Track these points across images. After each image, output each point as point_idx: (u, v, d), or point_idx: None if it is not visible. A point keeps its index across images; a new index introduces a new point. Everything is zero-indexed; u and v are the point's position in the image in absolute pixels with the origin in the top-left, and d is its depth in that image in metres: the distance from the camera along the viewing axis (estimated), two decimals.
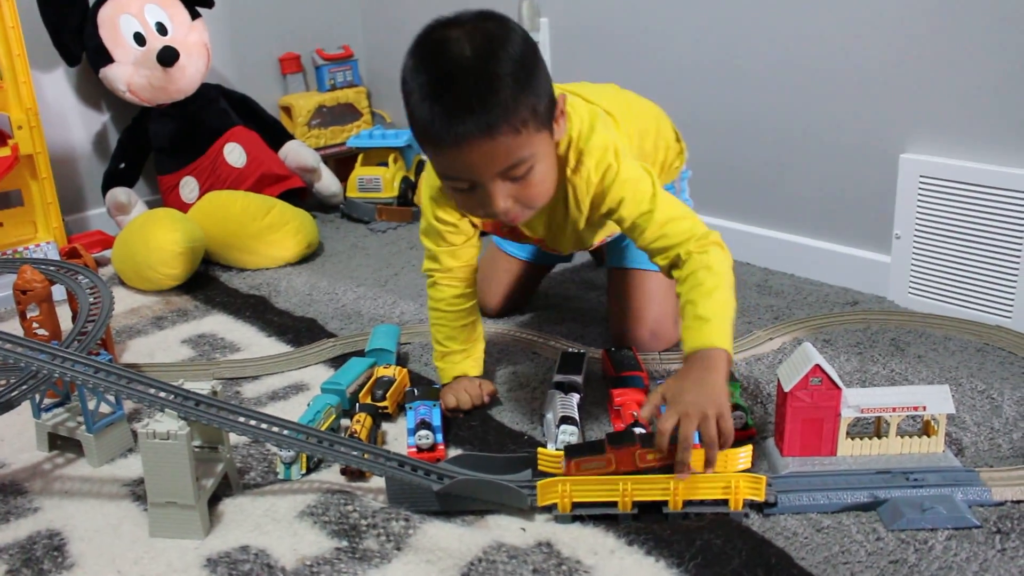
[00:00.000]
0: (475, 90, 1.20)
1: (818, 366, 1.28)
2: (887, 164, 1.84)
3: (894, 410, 1.29)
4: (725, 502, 1.23)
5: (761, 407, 1.52)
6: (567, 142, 1.38)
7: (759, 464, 1.35)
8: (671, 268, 1.40)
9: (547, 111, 1.28)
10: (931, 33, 1.73)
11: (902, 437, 1.31)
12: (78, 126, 2.61)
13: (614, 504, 1.23)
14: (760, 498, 1.23)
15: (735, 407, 1.40)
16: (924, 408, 1.29)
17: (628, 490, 1.22)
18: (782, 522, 1.22)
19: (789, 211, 2.06)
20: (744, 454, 1.28)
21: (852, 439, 1.32)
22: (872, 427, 1.36)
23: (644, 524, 1.22)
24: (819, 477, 1.28)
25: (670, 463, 1.21)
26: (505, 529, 1.23)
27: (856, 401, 1.30)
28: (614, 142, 1.39)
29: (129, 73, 2.44)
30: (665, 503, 1.23)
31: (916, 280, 1.85)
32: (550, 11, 2.42)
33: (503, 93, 1.21)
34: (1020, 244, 1.68)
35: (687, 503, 1.23)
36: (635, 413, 1.41)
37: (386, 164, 2.66)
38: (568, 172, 1.39)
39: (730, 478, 1.22)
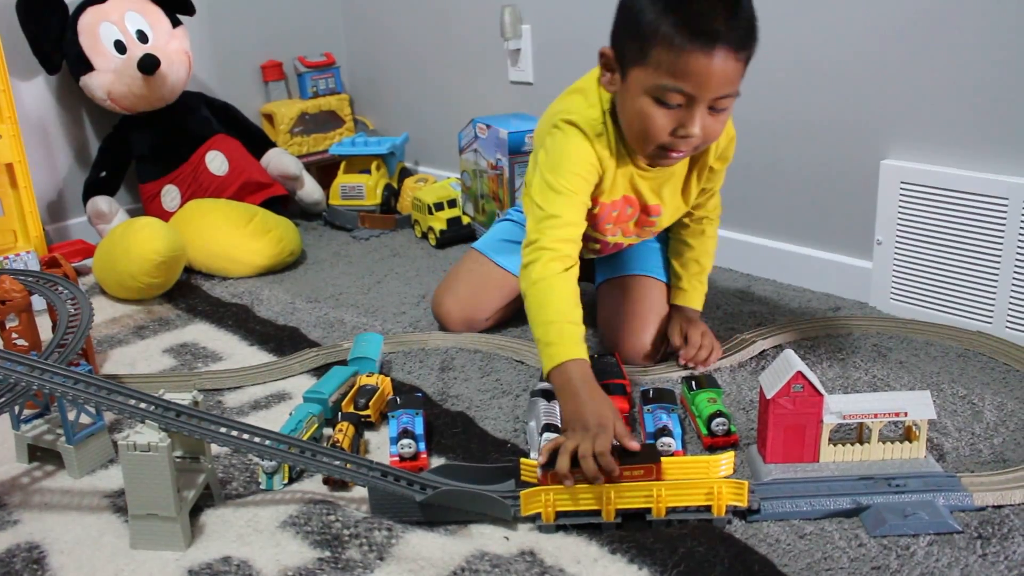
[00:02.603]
0: (743, 8, 1.36)
1: (800, 373, 1.28)
2: (868, 170, 1.85)
3: (876, 416, 1.29)
4: (708, 508, 1.23)
5: (743, 414, 1.52)
6: None
7: (741, 471, 1.35)
8: (695, 217, 1.73)
9: (748, 62, 1.41)
10: (912, 39, 1.74)
11: (884, 443, 1.32)
12: (58, 135, 2.59)
13: (597, 513, 1.23)
14: (743, 504, 1.23)
15: (718, 414, 1.41)
16: (906, 414, 1.29)
17: (611, 498, 1.22)
18: (765, 529, 1.22)
19: (771, 217, 2.07)
20: (725, 460, 1.28)
21: (834, 445, 1.32)
22: (854, 433, 1.37)
23: (627, 532, 1.22)
24: (802, 484, 1.28)
25: (650, 479, 1.22)
26: (488, 538, 1.23)
27: (838, 407, 1.30)
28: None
29: (110, 81, 2.43)
30: (648, 511, 1.23)
31: (898, 286, 1.86)
32: (532, 18, 2.42)
33: (754, 24, 1.38)
34: (1001, 250, 1.69)
35: (670, 510, 1.23)
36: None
37: (369, 171, 2.66)
38: None
39: (712, 484, 1.23)
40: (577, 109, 1.52)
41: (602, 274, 1.84)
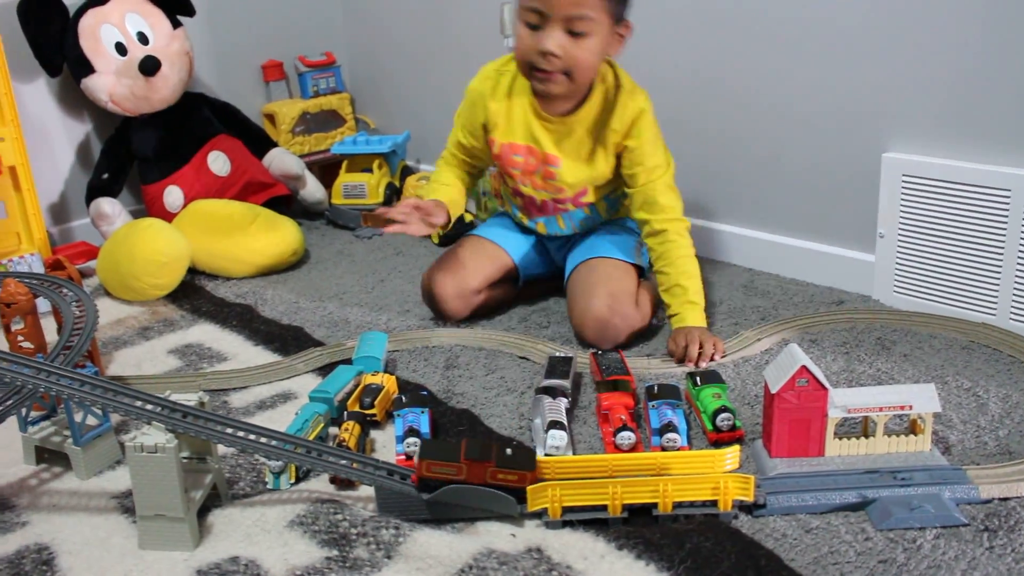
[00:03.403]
0: None
1: (804, 367, 1.28)
2: (870, 163, 1.85)
3: (881, 410, 1.30)
4: (715, 503, 1.24)
5: (748, 409, 1.52)
6: (613, 77, 1.76)
7: (747, 466, 1.35)
8: (648, 233, 1.78)
9: (618, 8, 1.64)
10: (912, 31, 1.74)
11: (889, 436, 1.32)
12: (61, 137, 2.59)
13: (604, 508, 1.23)
14: (749, 498, 1.23)
15: (723, 409, 1.41)
16: (911, 407, 1.30)
17: (618, 493, 1.22)
18: (771, 523, 1.22)
19: (773, 211, 2.07)
20: (731, 455, 1.29)
21: (840, 439, 1.32)
22: (859, 427, 1.37)
23: (634, 528, 1.23)
24: (807, 478, 1.28)
25: (522, 486, 1.23)
26: (495, 535, 1.23)
27: (843, 401, 1.30)
28: (648, 101, 1.75)
29: (111, 83, 2.43)
30: (655, 506, 1.23)
31: (901, 279, 1.86)
32: None
33: None
34: (1003, 241, 1.69)
35: (676, 505, 1.24)
36: (623, 417, 1.41)
37: (371, 170, 2.66)
38: (605, 92, 1.74)
39: (719, 478, 1.23)
40: (486, 65, 1.87)
41: (568, 268, 1.90)
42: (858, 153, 1.88)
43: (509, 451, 1.26)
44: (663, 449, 1.38)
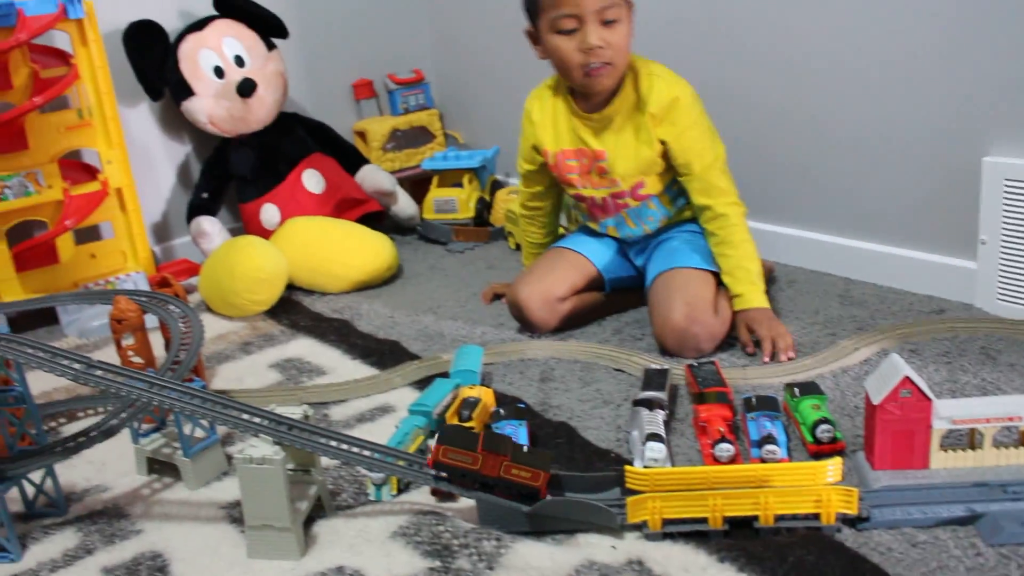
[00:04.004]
0: None
1: (907, 377, 1.26)
2: (970, 167, 1.81)
3: (988, 421, 1.27)
4: (817, 516, 1.22)
5: (848, 420, 1.50)
6: (635, 64, 1.82)
7: (849, 478, 1.33)
8: (710, 218, 1.84)
9: None
10: (1013, 28, 1.70)
11: (998, 448, 1.29)
12: (162, 158, 2.68)
13: (704, 520, 1.23)
14: (853, 511, 1.22)
15: (823, 420, 1.39)
16: (1020, 418, 1.26)
17: (718, 506, 1.22)
18: (876, 537, 1.20)
19: (869, 219, 2.03)
20: (833, 467, 1.27)
21: (945, 451, 1.30)
22: (965, 439, 1.34)
23: (735, 540, 1.22)
24: (913, 491, 1.26)
25: (536, 485, 1.25)
26: (596, 547, 1.24)
27: (948, 413, 1.28)
28: (686, 89, 1.82)
29: (210, 105, 2.51)
30: (756, 518, 1.23)
31: (1005, 286, 1.81)
32: None
33: None
34: None
35: (778, 518, 1.22)
36: (721, 429, 1.40)
37: (461, 185, 2.69)
38: (633, 78, 1.82)
39: (821, 491, 1.22)
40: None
41: (648, 280, 1.90)
42: (957, 157, 1.83)
43: (526, 449, 1.28)
44: (762, 461, 1.37)
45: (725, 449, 1.37)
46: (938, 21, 1.80)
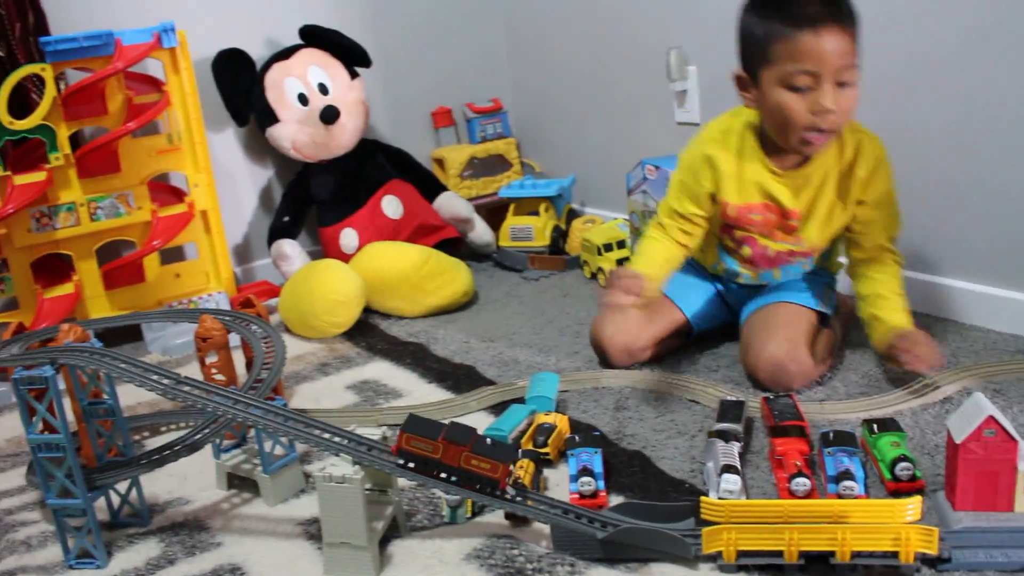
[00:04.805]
0: None
1: (992, 417, 1.24)
2: None
3: None
4: (895, 555, 1.20)
5: (928, 459, 1.47)
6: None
7: (928, 518, 1.31)
8: (860, 261, 1.79)
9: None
10: None
11: None
12: (246, 182, 2.76)
13: (779, 554, 1.22)
14: (933, 551, 1.19)
15: (903, 458, 1.38)
16: None
17: (795, 539, 1.20)
18: None
19: (949, 255, 2.00)
20: (912, 505, 1.24)
21: None
22: None
23: (811, 575, 1.21)
24: (996, 533, 1.23)
25: (495, 477, 1.27)
26: None
27: None
28: (883, 148, 1.73)
29: (293, 131, 2.57)
30: (832, 554, 1.21)
31: None
32: (699, 60, 2.43)
33: (852, 5, 1.59)
34: None
35: (855, 555, 1.21)
36: (797, 463, 1.39)
37: (537, 213, 2.71)
38: (840, 137, 1.70)
39: (900, 529, 1.20)
40: (707, 125, 1.85)
41: (745, 311, 1.87)
42: None
43: (489, 441, 1.29)
44: (839, 497, 1.35)
45: (801, 483, 1.36)
46: None
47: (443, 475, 1.29)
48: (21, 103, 2.21)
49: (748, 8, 1.64)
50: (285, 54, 2.62)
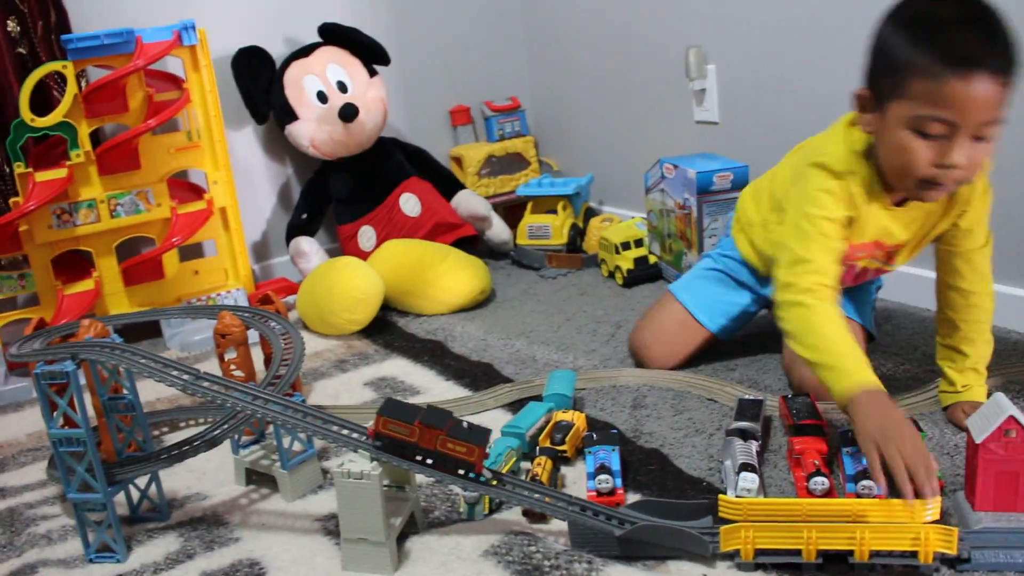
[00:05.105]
0: (999, 29, 1.29)
1: (1012, 417, 1.23)
2: None
3: None
4: (914, 554, 1.20)
5: (948, 459, 1.47)
6: None
7: (948, 519, 1.30)
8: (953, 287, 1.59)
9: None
10: None
11: None
12: (264, 180, 2.77)
13: (797, 552, 1.21)
14: (952, 552, 1.19)
15: None
16: None
17: (813, 538, 1.20)
18: None
19: None
20: (932, 505, 1.24)
21: None
22: None
23: (829, 574, 1.20)
24: (1016, 534, 1.22)
25: (471, 460, 1.27)
26: (686, 575, 1.23)
27: None
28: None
29: (312, 129, 2.58)
30: (850, 553, 1.21)
31: None
32: (718, 58, 2.43)
33: (1015, 46, 1.30)
34: None
35: (873, 554, 1.20)
36: (815, 462, 1.39)
37: (555, 212, 2.71)
38: None
39: (919, 529, 1.19)
40: (827, 149, 1.51)
41: None
42: None
43: (465, 425, 1.29)
44: (858, 496, 1.34)
45: (820, 482, 1.35)
46: None
47: (420, 458, 1.30)
48: (43, 100, 2.23)
49: (893, 21, 1.37)
50: (304, 52, 2.63)
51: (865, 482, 1.34)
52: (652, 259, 2.45)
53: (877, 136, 1.43)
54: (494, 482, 1.30)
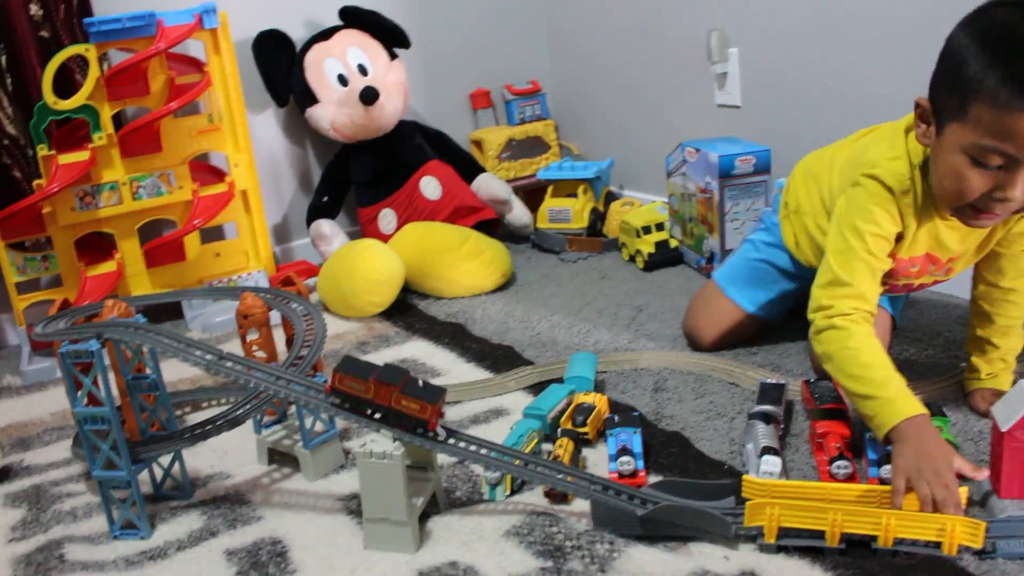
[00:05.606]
0: None
1: None
2: None
3: None
4: (938, 545, 1.19)
5: (972, 444, 1.46)
6: None
7: (972, 507, 1.29)
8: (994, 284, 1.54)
9: None
10: None
11: None
12: (284, 163, 2.77)
13: (820, 536, 1.21)
14: (978, 545, 1.18)
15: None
16: None
17: (837, 521, 1.19)
18: (1000, 566, 1.17)
19: None
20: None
21: None
22: None
23: (852, 559, 1.20)
24: None
25: (424, 418, 1.29)
26: (708, 557, 1.23)
27: None
28: None
29: (333, 112, 2.58)
30: (874, 539, 1.20)
31: None
32: (740, 42, 2.41)
33: None
34: None
35: (898, 541, 1.20)
36: (838, 446, 1.38)
37: (575, 195, 2.70)
38: None
39: (945, 520, 1.18)
40: (883, 162, 1.43)
41: None
42: None
43: (421, 383, 1.30)
44: (881, 481, 1.34)
45: (842, 466, 1.35)
46: None
47: (373, 414, 1.31)
48: (65, 83, 2.25)
49: (968, 29, 1.26)
50: (325, 35, 2.63)
51: (887, 466, 1.34)
52: (673, 243, 2.44)
53: (931, 151, 1.36)
54: (450, 440, 1.31)
